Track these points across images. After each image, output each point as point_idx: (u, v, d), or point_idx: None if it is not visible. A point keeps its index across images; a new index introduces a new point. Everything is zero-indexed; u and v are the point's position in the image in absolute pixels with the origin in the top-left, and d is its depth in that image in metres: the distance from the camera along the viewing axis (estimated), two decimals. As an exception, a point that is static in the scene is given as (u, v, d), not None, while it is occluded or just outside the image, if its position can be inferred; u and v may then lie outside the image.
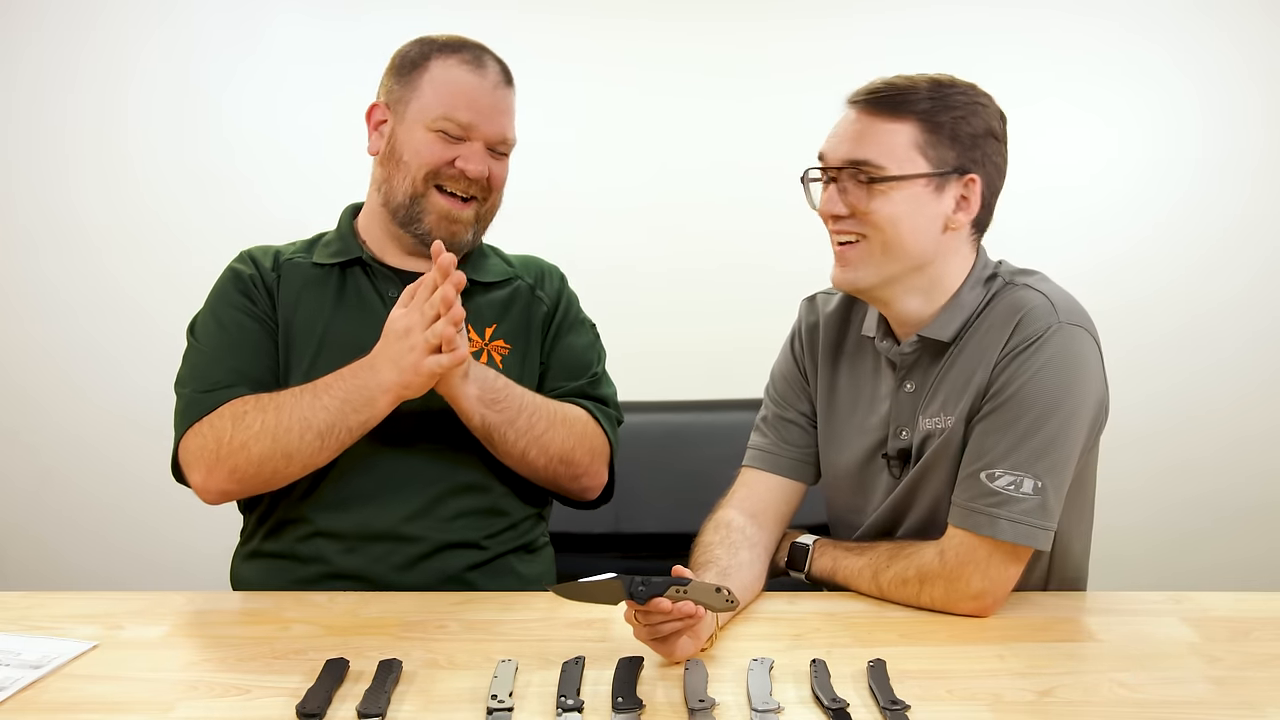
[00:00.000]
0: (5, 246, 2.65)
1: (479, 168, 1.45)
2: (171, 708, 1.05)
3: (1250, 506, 2.68)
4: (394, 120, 1.48)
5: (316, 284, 1.50)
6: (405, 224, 1.48)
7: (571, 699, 1.03)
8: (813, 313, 1.50)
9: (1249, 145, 2.61)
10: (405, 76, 1.47)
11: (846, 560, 1.35)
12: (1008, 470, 1.23)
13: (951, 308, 1.32)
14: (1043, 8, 2.58)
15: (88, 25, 2.59)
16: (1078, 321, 1.27)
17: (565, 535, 1.84)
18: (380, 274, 1.51)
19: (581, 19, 2.60)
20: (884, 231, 1.28)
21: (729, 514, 1.41)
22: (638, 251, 2.63)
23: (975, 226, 1.33)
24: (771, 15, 2.59)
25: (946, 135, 1.26)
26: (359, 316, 1.48)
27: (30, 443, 2.68)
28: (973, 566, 1.24)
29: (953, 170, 1.27)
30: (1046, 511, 1.23)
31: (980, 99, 1.30)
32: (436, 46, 1.48)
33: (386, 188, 1.48)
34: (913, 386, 1.35)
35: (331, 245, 1.54)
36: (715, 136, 2.62)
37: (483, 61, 1.47)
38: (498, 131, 1.47)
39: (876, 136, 1.27)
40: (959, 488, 1.27)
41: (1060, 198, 2.61)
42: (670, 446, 2.05)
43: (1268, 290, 2.65)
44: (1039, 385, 1.23)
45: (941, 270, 1.31)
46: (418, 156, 1.45)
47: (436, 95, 1.45)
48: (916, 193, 1.27)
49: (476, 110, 1.45)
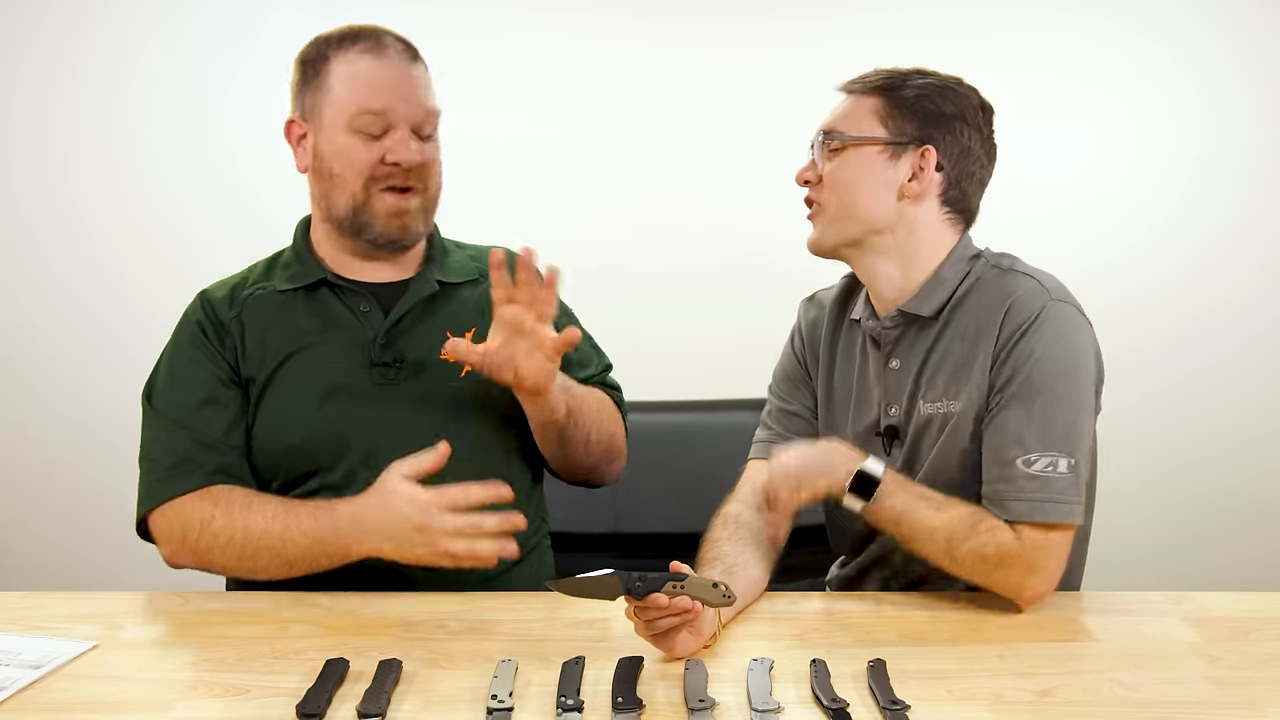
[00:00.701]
0: (8, 242, 2.65)
1: (411, 155, 1.38)
2: (171, 708, 1.05)
3: (1251, 507, 2.68)
4: (313, 131, 1.42)
5: (283, 311, 1.45)
6: (355, 233, 1.42)
7: (571, 699, 1.03)
8: (811, 310, 1.53)
9: (1250, 144, 2.61)
10: (311, 82, 1.41)
11: (922, 512, 1.26)
12: (1042, 453, 1.24)
13: (933, 284, 1.35)
14: (1043, 7, 2.58)
15: (88, 25, 2.59)
16: (1065, 298, 1.30)
17: (565, 535, 1.84)
18: (348, 290, 1.46)
19: (580, 18, 2.60)
20: (836, 193, 1.34)
21: (736, 508, 1.42)
22: (638, 251, 2.63)
23: (949, 206, 1.35)
24: (771, 15, 2.59)
25: (908, 108, 1.32)
26: (334, 334, 1.44)
27: (35, 437, 2.69)
28: (1047, 552, 1.24)
29: (910, 140, 1.32)
30: (1079, 487, 1.25)
31: (957, 87, 1.35)
32: (332, 43, 1.41)
33: (326, 202, 1.43)
34: (898, 364, 1.37)
35: (291, 267, 1.48)
36: (716, 136, 2.62)
37: (382, 43, 1.40)
38: (416, 111, 1.39)
39: (846, 110, 1.36)
40: (998, 481, 1.26)
41: (1060, 197, 2.61)
42: (670, 446, 2.05)
43: (1269, 291, 2.65)
44: (1047, 365, 1.25)
45: (909, 241, 1.34)
46: (348, 165, 1.39)
47: (346, 91, 1.38)
48: (870, 158, 1.33)
49: (389, 95, 1.38)
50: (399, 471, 1.27)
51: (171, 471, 1.37)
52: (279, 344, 1.43)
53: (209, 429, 1.39)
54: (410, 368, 1.42)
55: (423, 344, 1.44)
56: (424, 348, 1.43)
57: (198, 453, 1.37)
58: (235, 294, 1.47)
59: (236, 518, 1.32)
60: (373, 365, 1.42)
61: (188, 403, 1.40)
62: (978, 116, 1.35)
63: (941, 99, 1.33)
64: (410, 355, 1.43)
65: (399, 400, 1.42)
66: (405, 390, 1.42)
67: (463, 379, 1.43)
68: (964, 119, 1.34)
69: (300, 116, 1.43)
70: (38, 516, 2.68)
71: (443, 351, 1.31)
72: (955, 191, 1.35)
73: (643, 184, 2.63)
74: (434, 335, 1.43)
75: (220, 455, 1.38)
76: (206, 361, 1.42)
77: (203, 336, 1.44)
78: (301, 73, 1.43)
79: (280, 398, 1.41)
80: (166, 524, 1.36)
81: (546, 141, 2.62)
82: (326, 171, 1.41)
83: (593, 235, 2.60)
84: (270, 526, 1.31)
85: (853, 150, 1.33)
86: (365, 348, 1.43)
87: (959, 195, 1.36)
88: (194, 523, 1.33)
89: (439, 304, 1.47)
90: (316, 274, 1.46)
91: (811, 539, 1.56)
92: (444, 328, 1.43)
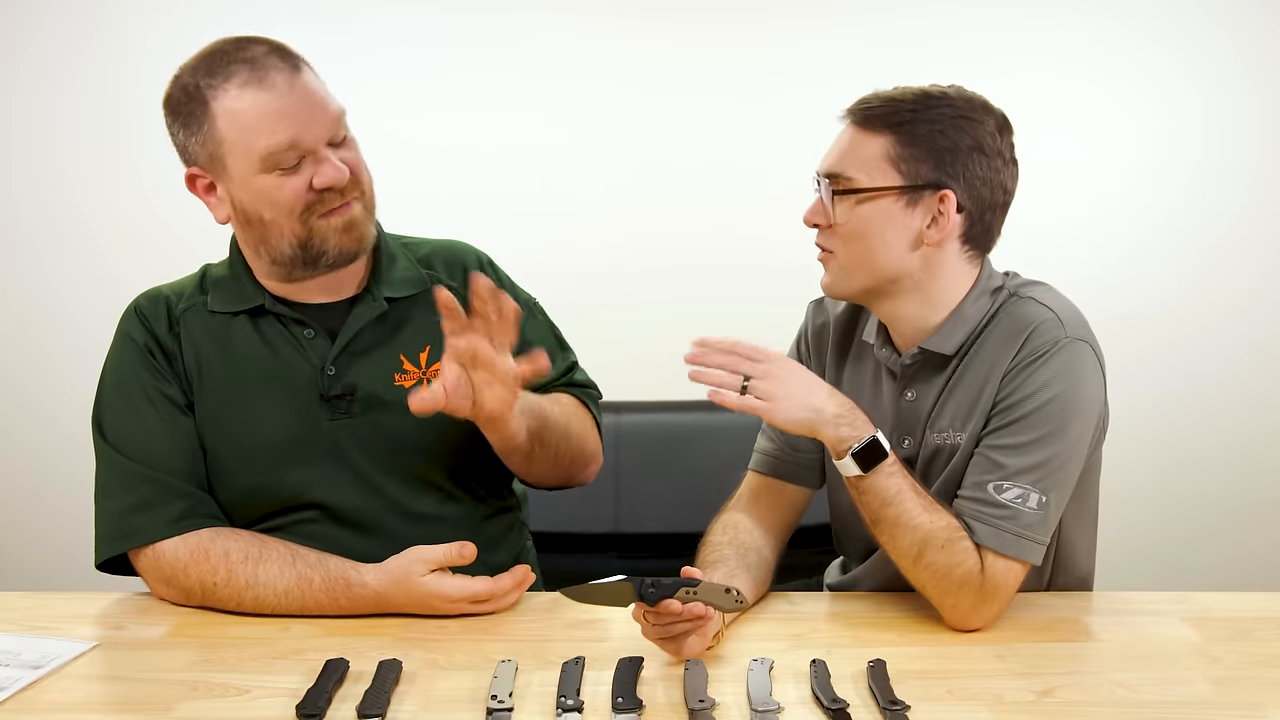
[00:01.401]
0: (5, 246, 2.65)
1: (339, 174, 1.25)
2: (171, 708, 1.05)
3: (1251, 506, 2.68)
4: (222, 182, 1.28)
5: (221, 336, 1.35)
6: (309, 265, 1.30)
7: (571, 699, 1.03)
8: (820, 315, 1.49)
9: (1251, 146, 2.60)
10: (197, 132, 1.27)
11: (910, 505, 1.22)
12: (1014, 483, 1.22)
13: (955, 320, 1.30)
14: (1043, 7, 2.58)
15: (89, 26, 2.58)
16: (1082, 336, 1.26)
17: (565, 535, 1.84)
18: (289, 318, 1.35)
19: (580, 17, 2.59)
20: (850, 245, 1.27)
21: (736, 516, 1.41)
22: (638, 250, 2.62)
23: (970, 243, 1.30)
24: (771, 15, 2.59)
25: (923, 148, 1.24)
26: (278, 367, 1.34)
27: (31, 441, 2.68)
28: (1004, 583, 1.22)
29: (926, 185, 1.24)
30: (1045, 526, 1.23)
31: (970, 112, 1.25)
32: (200, 79, 1.25)
33: (266, 248, 1.30)
34: (914, 395, 1.34)
35: (226, 287, 1.37)
36: (716, 136, 2.61)
37: (259, 68, 1.24)
38: (326, 128, 1.26)
39: (854, 149, 1.26)
40: (968, 500, 1.25)
41: (1061, 199, 2.60)
42: (670, 446, 2.05)
43: (1269, 292, 2.64)
44: (1047, 402, 1.23)
45: (932, 285, 1.29)
46: (276, 207, 1.26)
47: (243, 136, 1.23)
48: (886, 206, 1.25)
49: (289, 123, 1.23)
50: (423, 563, 1.26)
51: (140, 515, 1.29)
52: (219, 375, 1.34)
53: (173, 463, 1.31)
54: (363, 402, 1.34)
55: (375, 373, 1.35)
56: (377, 377, 1.35)
57: (162, 495, 1.30)
58: (171, 310, 1.38)
59: (244, 591, 1.26)
60: (323, 400, 1.33)
61: (146, 436, 1.32)
62: (996, 141, 1.26)
63: (956, 132, 1.24)
64: (363, 386, 1.34)
65: (354, 436, 1.34)
66: (360, 424, 1.34)
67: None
68: (982, 149, 1.25)
69: (199, 167, 1.30)
70: (34, 521, 2.67)
71: (411, 406, 1.19)
72: (978, 228, 1.29)
73: (643, 184, 2.63)
74: (386, 361, 1.36)
75: (188, 494, 1.31)
76: (158, 384, 1.34)
77: (150, 358, 1.35)
78: (178, 119, 1.29)
79: (228, 438, 1.33)
80: (152, 569, 1.30)
81: (545, 145, 2.62)
82: (255, 219, 1.28)
83: (593, 235, 2.59)
84: (284, 602, 1.26)
85: (864, 198, 1.25)
86: (313, 380, 1.34)
87: (982, 231, 1.29)
88: (193, 585, 1.27)
89: (388, 324, 1.37)
90: (256, 299, 1.35)
91: (812, 539, 1.56)
92: (396, 352, 1.36)
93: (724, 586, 1.12)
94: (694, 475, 1.95)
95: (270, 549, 1.29)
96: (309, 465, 1.33)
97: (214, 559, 1.27)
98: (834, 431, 1.23)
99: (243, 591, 1.27)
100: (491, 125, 2.58)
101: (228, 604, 1.28)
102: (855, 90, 1.31)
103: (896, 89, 1.28)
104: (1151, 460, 2.62)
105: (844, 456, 1.22)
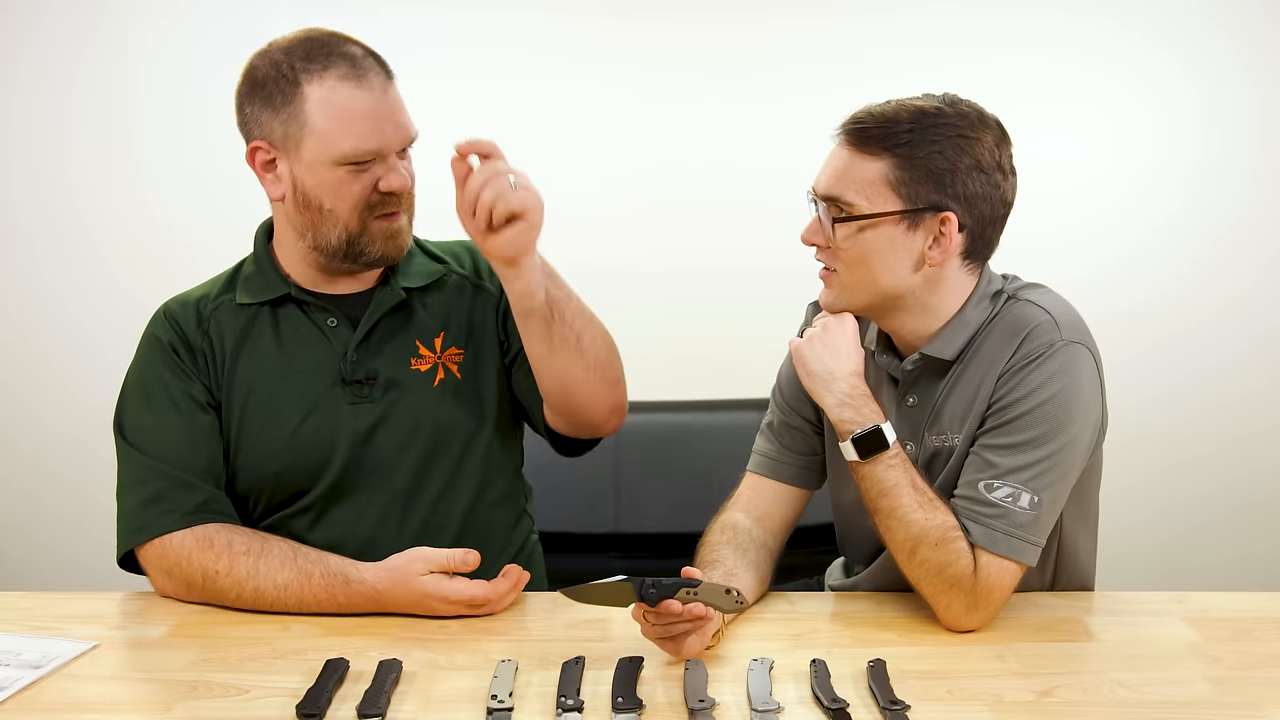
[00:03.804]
0: (4, 248, 2.65)
1: (405, 182, 1.32)
2: (171, 708, 1.05)
3: (1251, 506, 2.68)
4: (288, 160, 1.32)
5: (249, 328, 1.40)
6: (349, 259, 1.35)
7: (571, 699, 1.03)
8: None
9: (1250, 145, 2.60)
10: (281, 109, 1.29)
11: (907, 498, 1.23)
12: (1005, 482, 1.22)
13: (955, 326, 1.30)
14: (1042, 7, 2.57)
15: (89, 26, 2.58)
16: (1079, 339, 1.26)
17: (565, 535, 1.84)
18: (314, 306, 1.40)
19: (578, 17, 2.59)
20: (852, 269, 1.27)
21: (735, 516, 1.41)
22: (639, 250, 2.62)
23: (971, 257, 1.30)
24: (770, 15, 2.59)
25: (922, 171, 1.22)
26: (303, 353, 1.39)
27: (30, 442, 2.68)
28: (998, 584, 1.22)
29: (927, 208, 1.24)
30: (1039, 527, 1.23)
31: (968, 130, 1.24)
32: (297, 61, 1.29)
33: (314, 234, 1.34)
34: (915, 400, 1.34)
35: (253, 281, 1.42)
36: (716, 136, 2.61)
37: (360, 67, 1.29)
38: (404, 138, 1.33)
39: (851, 173, 1.25)
40: (961, 499, 1.25)
41: (1061, 198, 2.60)
42: (671, 446, 2.05)
43: (1268, 291, 2.64)
44: (1041, 403, 1.23)
45: (933, 299, 1.29)
46: (341, 199, 1.31)
47: (331, 127, 1.27)
48: (887, 231, 1.25)
49: (379, 129, 1.29)
50: (424, 563, 1.27)
51: (151, 509, 1.32)
52: (248, 364, 1.39)
53: (190, 459, 1.35)
54: (383, 384, 1.39)
55: (394, 358, 1.40)
56: (396, 362, 1.40)
57: (176, 490, 1.33)
58: (200, 310, 1.42)
59: (244, 581, 1.28)
60: (345, 384, 1.38)
61: (165, 433, 1.36)
62: (995, 156, 1.25)
63: (955, 151, 1.23)
64: (383, 371, 1.39)
65: (374, 418, 1.38)
66: (380, 407, 1.38)
67: (436, 387, 1.40)
68: (981, 167, 1.24)
69: (267, 142, 1.33)
70: (34, 523, 2.67)
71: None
72: (979, 243, 1.29)
73: (643, 184, 2.63)
74: (405, 348, 1.41)
75: (203, 490, 1.34)
76: (181, 384, 1.37)
77: (175, 358, 1.38)
78: (262, 93, 1.31)
79: (256, 424, 1.38)
80: (157, 560, 1.32)
81: (545, 144, 2.62)
82: (314, 205, 1.32)
83: (592, 235, 2.58)
84: (282, 595, 1.28)
85: (865, 223, 1.25)
86: (336, 365, 1.39)
87: (983, 244, 1.30)
88: (194, 573, 1.30)
89: (406, 313, 1.43)
90: (280, 289, 1.40)
91: (812, 539, 1.56)
92: (412, 338, 1.41)
93: (724, 587, 1.12)
94: (694, 475, 1.95)
95: (272, 544, 1.32)
96: (331, 447, 1.37)
97: (217, 548, 1.30)
98: (837, 411, 1.27)
99: (243, 582, 1.28)
100: (490, 125, 2.55)
101: (227, 594, 1.29)
102: (854, 90, 1.31)
103: (890, 105, 1.26)
104: (1151, 459, 2.62)
105: (845, 439, 1.26)
